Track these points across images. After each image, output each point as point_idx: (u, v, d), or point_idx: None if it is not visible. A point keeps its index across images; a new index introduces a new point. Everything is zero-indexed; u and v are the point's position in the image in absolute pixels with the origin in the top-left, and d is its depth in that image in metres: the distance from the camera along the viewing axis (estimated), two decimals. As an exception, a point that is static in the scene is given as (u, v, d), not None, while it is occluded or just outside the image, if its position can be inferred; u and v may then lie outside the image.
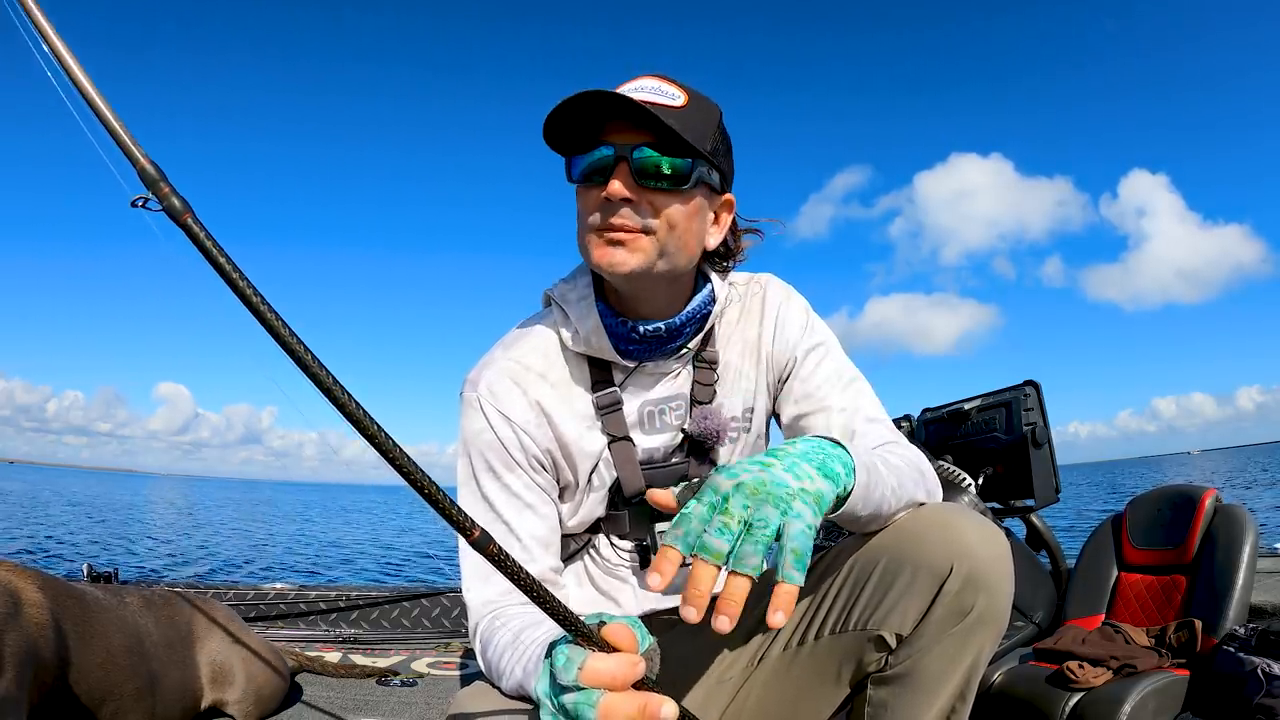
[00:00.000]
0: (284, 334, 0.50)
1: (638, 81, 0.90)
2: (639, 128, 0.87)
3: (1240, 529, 1.87)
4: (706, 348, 1.01)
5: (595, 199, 0.89)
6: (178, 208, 0.50)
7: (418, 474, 0.52)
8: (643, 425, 0.99)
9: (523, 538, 0.94)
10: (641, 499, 0.98)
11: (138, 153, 0.51)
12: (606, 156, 0.88)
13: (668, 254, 0.91)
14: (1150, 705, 1.60)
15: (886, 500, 0.82)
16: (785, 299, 1.05)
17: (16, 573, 1.24)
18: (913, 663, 0.84)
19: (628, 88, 0.89)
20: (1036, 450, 2.17)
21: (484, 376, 0.97)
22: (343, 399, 0.51)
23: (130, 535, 15.55)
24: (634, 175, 0.87)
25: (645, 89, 0.88)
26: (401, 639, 2.64)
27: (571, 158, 0.92)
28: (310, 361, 0.50)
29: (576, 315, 0.96)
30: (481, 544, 0.54)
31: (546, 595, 0.56)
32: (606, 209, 0.88)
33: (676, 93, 0.89)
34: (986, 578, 0.81)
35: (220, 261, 0.50)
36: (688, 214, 0.91)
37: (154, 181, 0.50)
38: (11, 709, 1.10)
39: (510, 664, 0.80)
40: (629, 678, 0.57)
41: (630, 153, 0.87)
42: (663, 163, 0.87)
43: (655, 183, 0.88)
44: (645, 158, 0.87)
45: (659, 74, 0.91)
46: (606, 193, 0.87)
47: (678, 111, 0.87)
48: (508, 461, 0.95)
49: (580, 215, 0.92)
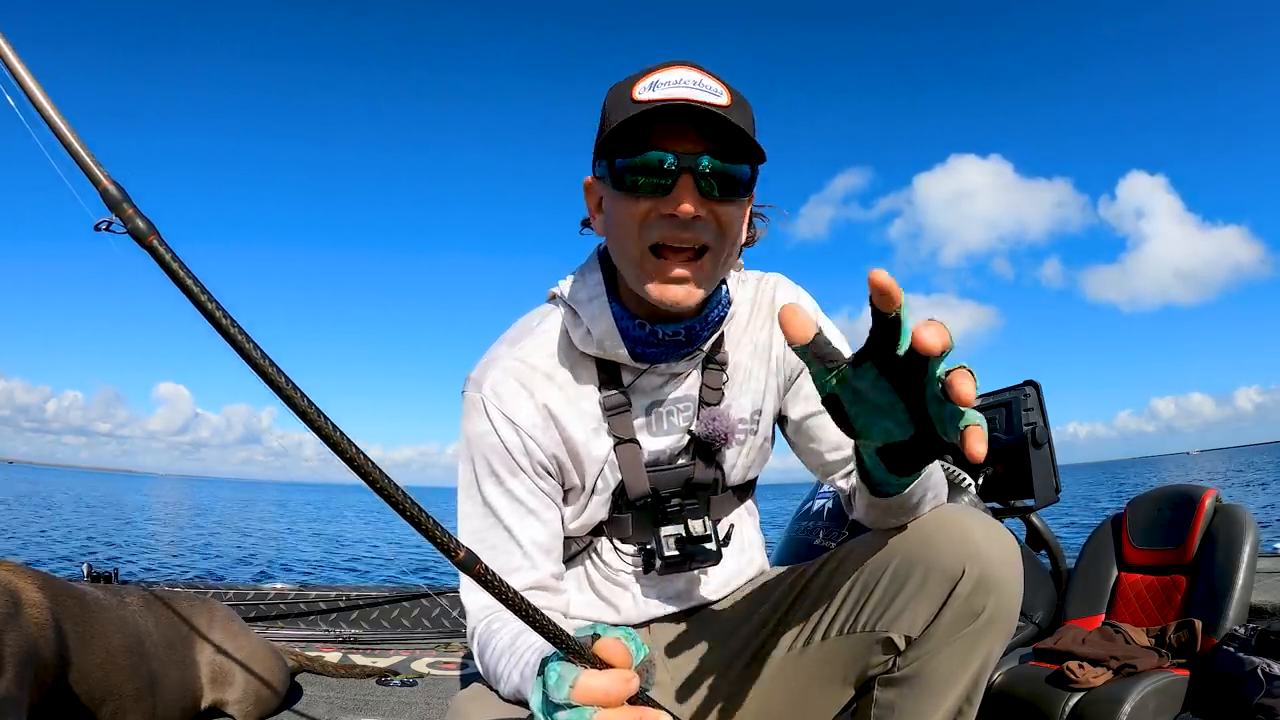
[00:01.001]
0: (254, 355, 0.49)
1: (675, 71, 0.83)
2: (700, 134, 0.81)
3: (1240, 529, 1.87)
4: (717, 349, 0.98)
5: (651, 212, 0.83)
6: (142, 230, 0.48)
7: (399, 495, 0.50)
8: (649, 426, 0.96)
9: (524, 544, 0.91)
10: (645, 502, 0.96)
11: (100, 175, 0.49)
12: (668, 165, 0.81)
13: (722, 266, 0.87)
14: (1150, 705, 1.60)
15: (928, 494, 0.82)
16: (794, 299, 1.02)
17: (16, 573, 1.24)
18: (921, 664, 0.84)
19: (666, 76, 0.82)
20: (1036, 450, 2.17)
21: (488, 376, 0.93)
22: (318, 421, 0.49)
23: (130, 535, 15.53)
24: (699, 188, 0.81)
25: (688, 83, 0.81)
26: (401, 639, 2.64)
27: (616, 160, 0.83)
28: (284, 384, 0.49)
29: (588, 316, 0.92)
30: (467, 564, 0.52)
31: (535, 613, 0.55)
32: (674, 225, 0.82)
33: (719, 88, 0.82)
34: (998, 580, 0.81)
35: (186, 283, 0.48)
36: (743, 221, 0.88)
37: (117, 203, 0.49)
38: (11, 709, 1.10)
39: (507, 669, 0.80)
40: (623, 694, 0.55)
41: (695, 164, 0.81)
42: (730, 173, 0.82)
43: (723, 194, 0.82)
44: (714, 170, 0.81)
45: (693, 63, 0.84)
46: (676, 210, 0.81)
47: (728, 110, 0.80)
48: (511, 466, 0.92)
49: (628, 225, 0.84)
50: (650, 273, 0.85)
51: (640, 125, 0.81)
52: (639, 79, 0.83)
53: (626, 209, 0.84)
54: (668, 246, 0.83)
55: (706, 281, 0.86)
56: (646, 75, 0.83)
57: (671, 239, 0.83)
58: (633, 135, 0.81)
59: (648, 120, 0.80)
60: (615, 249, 0.89)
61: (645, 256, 0.84)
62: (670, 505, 0.96)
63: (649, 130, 0.81)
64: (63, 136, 0.49)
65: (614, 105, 0.84)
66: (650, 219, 0.83)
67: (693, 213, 0.81)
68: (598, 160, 0.88)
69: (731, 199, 0.84)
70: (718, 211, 0.83)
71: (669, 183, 0.81)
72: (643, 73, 0.84)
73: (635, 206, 0.83)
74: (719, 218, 0.83)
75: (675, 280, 0.84)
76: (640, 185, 0.82)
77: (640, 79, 0.83)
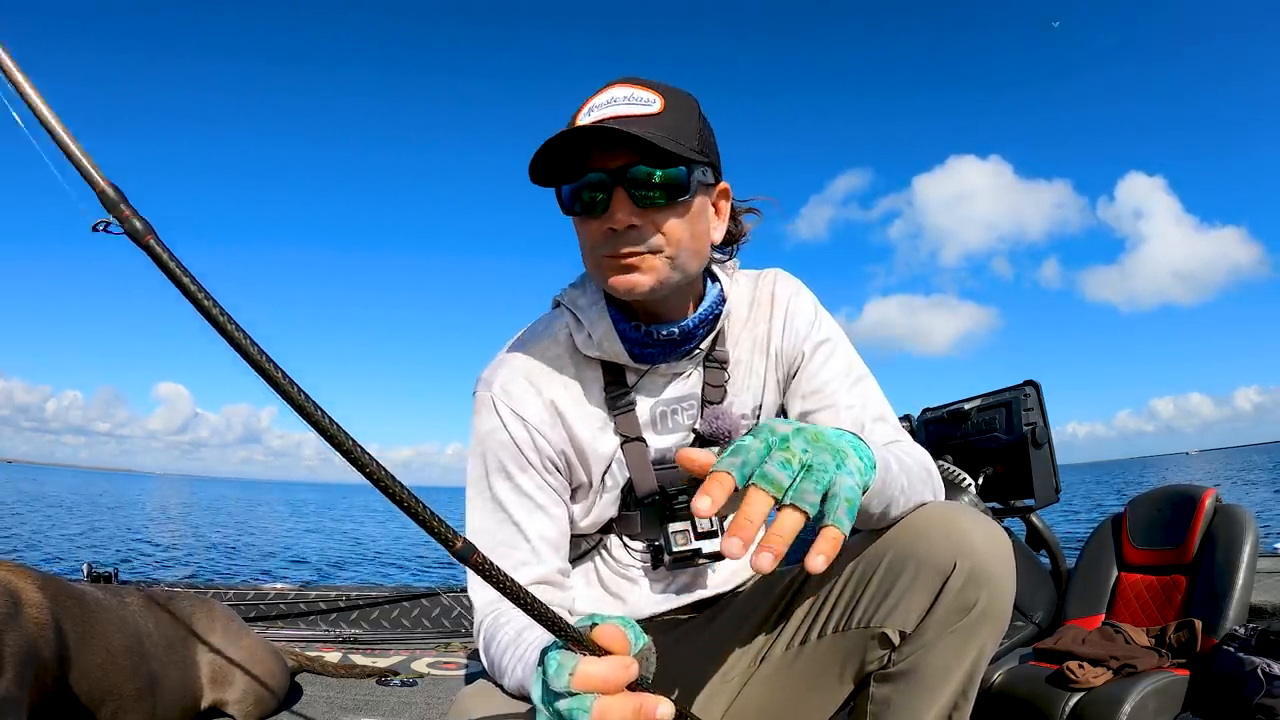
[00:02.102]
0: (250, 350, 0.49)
1: (609, 92, 0.87)
2: (630, 148, 0.84)
3: (1240, 529, 1.87)
4: (717, 347, 1.01)
5: (598, 229, 0.87)
6: (139, 230, 0.49)
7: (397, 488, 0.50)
8: (655, 426, 0.98)
9: (531, 538, 0.93)
10: (653, 499, 0.98)
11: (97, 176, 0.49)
12: (599, 183, 0.85)
13: (679, 266, 0.89)
14: (1150, 705, 1.60)
15: (896, 500, 0.82)
16: (794, 294, 1.03)
17: (16, 573, 1.24)
18: (916, 660, 0.84)
19: (600, 99, 0.86)
20: (1036, 450, 2.17)
21: (498, 375, 0.96)
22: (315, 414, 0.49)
23: (129, 535, 15.54)
24: (631, 199, 0.85)
25: (619, 100, 0.86)
26: (401, 639, 2.64)
27: (561, 187, 0.89)
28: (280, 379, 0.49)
29: (589, 320, 0.95)
30: (464, 555, 0.52)
31: (534, 602, 0.55)
32: (613, 239, 0.86)
33: (651, 97, 0.86)
34: (989, 574, 0.81)
35: (184, 281, 0.49)
36: (691, 222, 0.89)
37: (114, 204, 0.49)
38: (12, 709, 1.10)
39: (511, 663, 0.81)
40: (622, 680, 0.56)
41: (623, 176, 0.84)
42: (656, 178, 0.85)
43: (654, 201, 0.85)
44: (639, 177, 0.84)
45: (630, 79, 0.88)
46: (610, 224, 0.85)
47: (657, 118, 0.84)
48: (520, 462, 0.94)
49: (584, 245, 0.90)
50: (601, 271, 0.89)
51: (578, 149, 0.86)
52: (580, 108, 0.88)
53: (581, 230, 0.90)
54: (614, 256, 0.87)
55: (657, 275, 0.88)
56: (586, 103, 0.88)
57: (615, 250, 0.87)
58: (571, 160, 0.86)
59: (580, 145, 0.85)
60: (585, 266, 0.94)
61: (599, 263, 0.89)
62: (678, 502, 0.98)
63: (586, 153, 0.86)
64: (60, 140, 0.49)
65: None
66: (597, 236, 0.88)
67: (626, 222, 0.85)
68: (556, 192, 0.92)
69: (666, 203, 0.86)
70: (658, 218, 0.86)
71: (604, 198, 0.86)
72: (585, 100, 0.88)
73: (586, 227, 0.89)
74: (659, 224, 0.87)
75: (624, 268, 0.87)
76: (583, 206, 0.87)
77: (581, 107, 0.87)
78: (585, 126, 0.82)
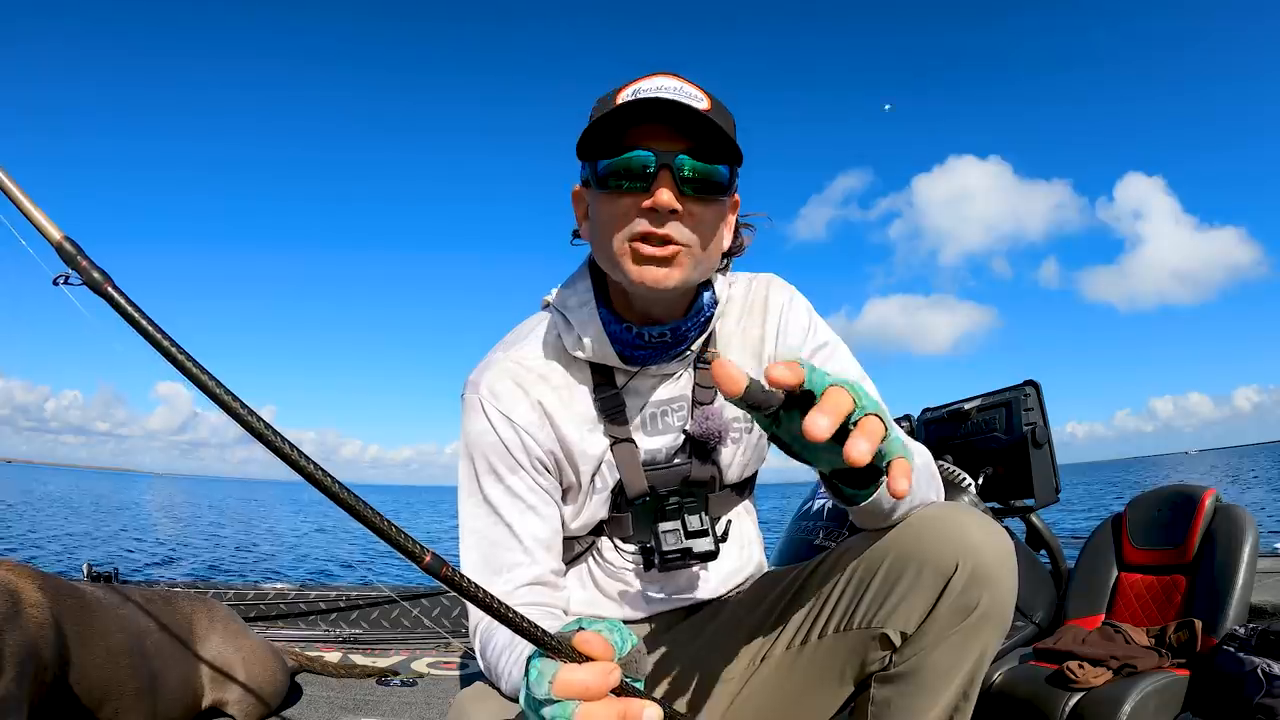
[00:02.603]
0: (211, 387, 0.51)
1: (657, 80, 0.86)
2: (678, 133, 0.83)
3: (1240, 529, 1.87)
4: (708, 349, 1.00)
5: (631, 207, 0.85)
6: (98, 280, 0.52)
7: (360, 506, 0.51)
8: (645, 427, 0.98)
9: (524, 539, 0.93)
10: (644, 500, 0.97)
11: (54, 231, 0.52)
12: (647, 162, 0.83)
13: (702, 266, 0.89)
14: (1150, 705, 1.60)
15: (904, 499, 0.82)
16: (788, 300, 1.03)
17: (16, 573, 1.24)
18: (917, 661, 0.84)
19: (647, 84, 0.85)
20: (1036, 450, 2.17)
21: (485, 378, 0.96)
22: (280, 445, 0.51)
23: (129, 535, 15.53)
24: (677, 184, 0.83)
25: (668, 89, 0.84)
26: (401, 639, 2.64)
27: (599, 161, 0.86)
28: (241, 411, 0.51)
29: (578, 322, 0.95)
30: (434, 569, 0.53)
31: (511, 613, 0.55)
32: (653, 219, 0.84)
33: (699, 95, 0.85)
34: (991, 575, 0.81)
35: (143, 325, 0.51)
36: (720, 223, 0.89)
37: (71, 257, 0.52)
38: (12, 709, 1.10)
39: (507, 666, 0.81)
40: (603, 686, 0.55)
41: (673, 160, 0.83)
42: (708, 171, 0.84)
43: (699, 192, 0.84)
44: (692, 166, 0.83)
45: (674, 73, 0.87)
46: (654, 203, 0.83)
47: (707, 113, 0.83)
48: (510, 463, 0.94)
49: (610, 222, 0.87)
50: (628, 256, 0.87)
51: (620, 127, 0.84)
52: (622, 88, 0.86)
53: (609, 207, 0.87)
54: (646, 238, 0.85)
55: (684, 273, 0.87)
56: (629, 85, 0.86)
57: (649, 231, 0.85)
58: (614, 137, 0.84)
59: (627, 121, 0.83)
60: (599, 246, 0.91)
61: (624, 246, 0.86)
62: (669, 503, 0.97)
63: (629, 132, 0.84)
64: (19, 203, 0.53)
65: (598, 111, 0.87)
66: (631, 214, 0.85)
67: (670, 204, 0.83)
68: (583, 165, 0.90)
69: (709, 198, 0.86)
70: (695, 210, 0.85)
71: (649, 179, 0.84)
72: (625, 84, 0.87)
73: (618, 204, 0.86)
74: (696, 216, 0.86)
75: (651, 261, 0.85)
76: (622, 185, 0.85)
77: (623, 88, 0.86)
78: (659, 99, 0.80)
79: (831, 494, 0.80)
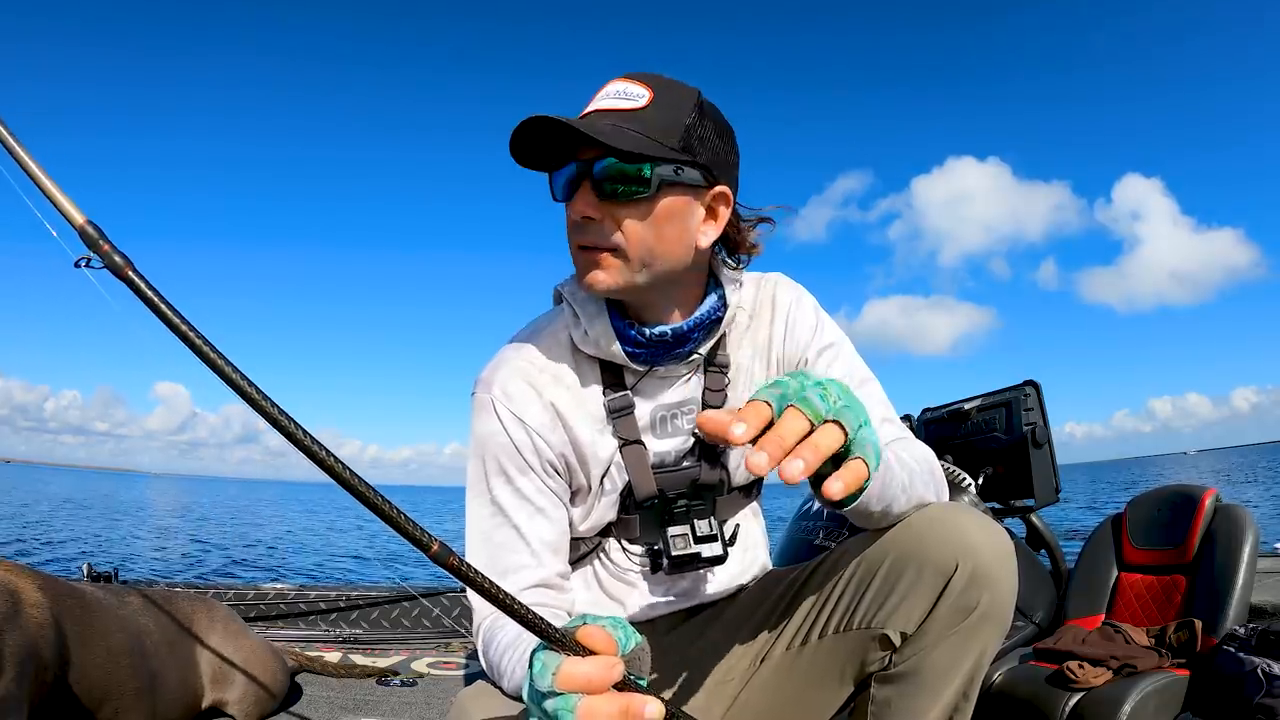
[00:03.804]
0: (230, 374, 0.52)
1: (609, 86, 0.89)
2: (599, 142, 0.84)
3: (1240, 529, 1.87)
4: (718, 352, 0.99)
5: (568, 219, 0.89)
6: (119, 264, 0.53)
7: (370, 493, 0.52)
8: (654, 429, 0.97)
9: (531, 542, 0.92)
10: (652, 503, 0.97)
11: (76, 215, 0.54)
12: (571, 173, 0.87)
13: (646, 265, 0.88)
14: (1150, 705, 1.60)
15: (897, 498, 0.82)
16: (796, 299, 1.02)
17: (16, 573, 1.24)
18: (917, 661, 0.84)
19: (601, 93, 0.88)
20: (1036, 450, 2.17)
21: (497, 377, 0.95)
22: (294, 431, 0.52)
23: (129, 535, 15.52)
24: (594, 191, 0.86)
25: (610, 95, 0.87)
26: (401, 639, 2.64)
27: (550, 174, 0.91)
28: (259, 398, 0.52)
29: (586, 315, 0.94)
30: (441, 557, 0.53)
31: (515, 604, 0.56)
32: (576, 229, 0.88)
33: (641, 91, 0.87)
34: (991, 575, 0.81)
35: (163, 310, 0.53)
36: (656, 222, 0.87)
37: (94, 241, 0.53)
38: (12, 709, 1.10)
39: (510, 664, 0.81)
40: (606, 680, 0.56)
41: (590, 168, 0.85)
42: (619, 173, 0.84)
43: (616, 195, 0.85)
44: (603, 170, 0.85)
45: (632, 74, 0.89)
46: (572, 212, 0.87)
47: (637, 113, 0.85)
48: (520, 465, 0.93)
49: (567, 229, 0.92)
50: (578, 262, 0.91)
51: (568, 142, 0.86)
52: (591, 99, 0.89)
53: (566, 215, 0.91)
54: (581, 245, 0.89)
55: (617, 274, 0.88)
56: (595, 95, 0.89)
57: (576, 241, 0.89)
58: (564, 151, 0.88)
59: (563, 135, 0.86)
60: None
61: (574, 253, 0.91)
62: (677, 506, 0.97)
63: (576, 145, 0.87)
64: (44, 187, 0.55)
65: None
66: (568, 226, 0.90)
67: (583, 213, 0.86)
68: None
69: (626, 199, 0.86)
70: (618, 213, 0.86)
71: (573, 188, 0.87)
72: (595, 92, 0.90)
73: (567, 212, 0.90)
74: (618, 220, 0.87)
75: (589, 265, 0.89)
76: (563, 193, 0.89)
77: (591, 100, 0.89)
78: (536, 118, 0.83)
79: (818, 499, 0.81)
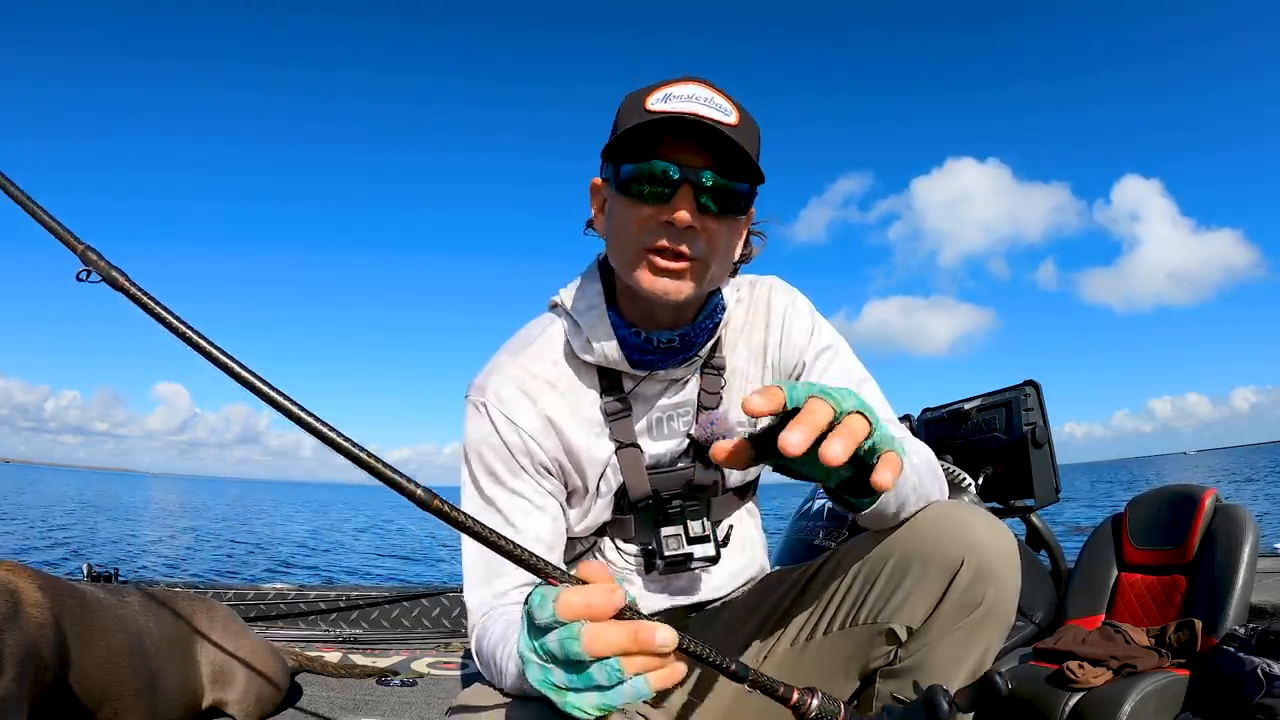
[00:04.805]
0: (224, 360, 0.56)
1: (689, 86, 0.85)
2: (702, 148, 0.83)
3: (1240, 529, 1.87)
4: (714, 354, 1.00)
5: (650, 219, 0.85)
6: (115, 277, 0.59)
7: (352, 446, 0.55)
8: (650, 431, 0.98)
9: (526, 540, 0.92)
10: (647, 503, 0.97)
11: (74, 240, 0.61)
12: (670, 177, 0.83)
13: (712, 279, 0.89)
14: (1150, 705, 1.60)
15: (910, 497, 0.82)
16: (790, 302, 1.03)
17: (16, 572, 1.24)
18: (922, 656, 0.85)
19: (679, 90, 0.84)
20: (1036, 450, 2.17)
21: (491, 383, 0.95)
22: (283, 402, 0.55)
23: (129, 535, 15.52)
24: (695, 200, 0.83)
25: (700, 99, 0.83)
26: (401, 639, 2.64)
27: (623, 165, 0.86)
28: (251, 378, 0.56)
29: (588, 325, 0.94)
30: (425, 501, 0.54)
31: (508, 543, 0.55)
32: (669, 234, 0.84)
33: (729, 107, 0.84)
34: (996, 571, 0.82)
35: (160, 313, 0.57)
36: (734, 239, 0.90)
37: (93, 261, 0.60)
38: (12, 709, 1.10)
39: (503, 658, 0.79)
40: (607, 606, 0.53)
41: (696, 177, 0.83)
42: (728, 189, 0.84)
43: (716, 210, 0.85)
44: (712, 185, 0.83)
45: (704, 80, 0.86)
46: (672, 218, 0.83)
47: (735, 130, 0.82)
48: (513, 466, 0.93)
49: (626, 229, 0.87)
50: (643, 265, 0.87)
51: (648, 135, 0.83)
52: (654, 90, 0.85)
53: (628, 213, 0.86)
54: (662, 251, 0.86)
55: (694, 287, 0.88)
56: (661, 87, 0.85)
57: (665, 245, 0.85)
58: (640, 143, 0.84)
59: (656, 130, 0.82)
60: (613, 248, 0.91)
61: (640, 255, 0.87)
62: (671, 507, 0.98)
63: (656, 140, 0.83)
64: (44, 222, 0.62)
65: (627, 112, 0.86)
66: (649, 225, 0.85)
67: (688, 222, 0.83)
68: (605, 163, 0.90)
69: (727, 215, 0.86)
70: (711, 226, 0.85)
71: (669, 192, 0.83)
72: (658, 84, 0.86)
73: (636, 211, 0.86)
74: (712, 233, 0.86)
75: (665, 273, 0.86)
76: (643, 192, 0.84)
77: (655, 90, 0.85)
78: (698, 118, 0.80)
79: (837, 504, 0.81)
